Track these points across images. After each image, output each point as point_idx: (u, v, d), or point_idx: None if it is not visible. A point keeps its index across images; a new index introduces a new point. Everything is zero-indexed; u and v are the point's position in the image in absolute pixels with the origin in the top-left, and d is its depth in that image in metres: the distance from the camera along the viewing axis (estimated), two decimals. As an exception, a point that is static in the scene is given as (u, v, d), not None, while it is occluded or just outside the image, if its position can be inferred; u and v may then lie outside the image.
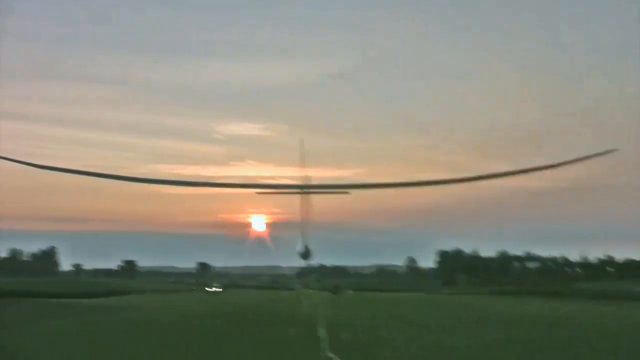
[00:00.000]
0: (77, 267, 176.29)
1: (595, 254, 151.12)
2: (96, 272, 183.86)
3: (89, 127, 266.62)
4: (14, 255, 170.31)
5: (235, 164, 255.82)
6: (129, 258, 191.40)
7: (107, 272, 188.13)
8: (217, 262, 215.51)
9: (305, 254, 20.84)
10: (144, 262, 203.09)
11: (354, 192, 20.34)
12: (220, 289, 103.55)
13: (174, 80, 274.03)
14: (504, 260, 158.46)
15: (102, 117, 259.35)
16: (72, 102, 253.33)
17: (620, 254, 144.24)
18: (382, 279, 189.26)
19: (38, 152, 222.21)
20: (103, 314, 38.81)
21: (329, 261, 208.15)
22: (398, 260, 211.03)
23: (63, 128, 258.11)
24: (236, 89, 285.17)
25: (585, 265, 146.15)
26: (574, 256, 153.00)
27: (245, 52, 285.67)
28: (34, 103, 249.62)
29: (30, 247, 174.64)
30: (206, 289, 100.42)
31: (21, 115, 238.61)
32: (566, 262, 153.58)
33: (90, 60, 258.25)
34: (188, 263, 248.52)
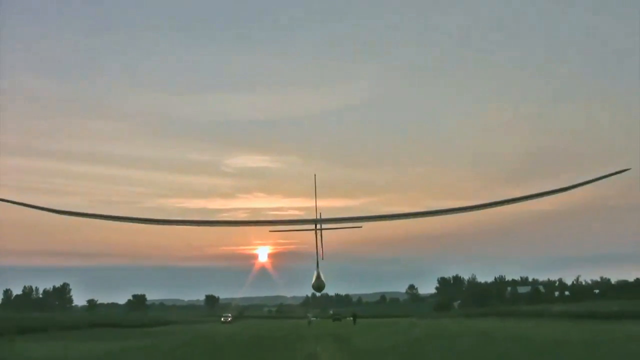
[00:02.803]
0: (91, 302, 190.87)
1: (592, 276, 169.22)
2: (108, 306, 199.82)
3: (99, 162, 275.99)
4: (29, 292, 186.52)
5: (242, 196, 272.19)
6: (137, 292, 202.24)
7: (115, 306, 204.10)
8: (222, 293, 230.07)
9: (320, 286, 20.81)
10: (152, 295, 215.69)
11: (364, 222, 20.17)
12: (230, 319, 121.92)
13: (183, 114, 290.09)
14: (500, 286, 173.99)
15: (111, 152, 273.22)
16: (80, 137, 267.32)
17: (616, 276, 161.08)
18: (383, 306, 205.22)
19: (48, 187, 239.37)
20: (164, 337, 56.23)
21: (333, 290, 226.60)
22: (401, 288, 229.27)
23: (72, 163, 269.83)
24: (244, 122, 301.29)
25: (575, 287, 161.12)
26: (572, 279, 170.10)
27: (253, 84, 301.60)
28: (45, 139, 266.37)
29: (42, 284, 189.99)
30: (222, 319, 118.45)
31: (31, 150, 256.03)
32: (558, 286, 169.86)
33: (98, 96, 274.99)
34: (194, 295, 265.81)
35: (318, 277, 20.48)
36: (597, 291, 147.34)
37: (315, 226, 20.37)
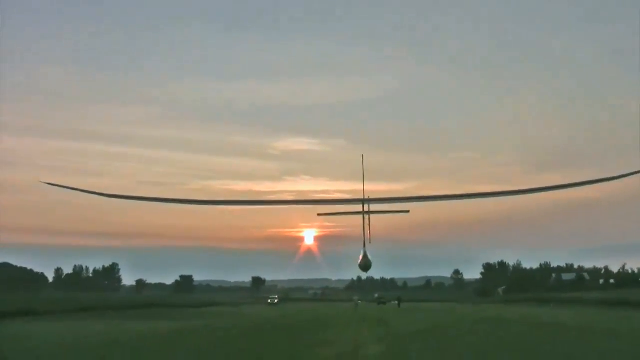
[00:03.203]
0: (140, 283, 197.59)
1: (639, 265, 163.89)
2: (156, 287, 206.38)
3: (146, 146, 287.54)
4: (79, 271, 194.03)
5: (289, 179, 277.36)
6: (185, 273, 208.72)
7: (162, 286, 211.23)
8: (268, 275, 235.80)
9: (367, 265, 20.65)
10: (198, 276, 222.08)
11: (409, 204, 20.54)
12: (277, 301, 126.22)
13: (231, 97, 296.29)
14: (545, 272, 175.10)
15: (159, 135, 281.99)
16: (131, 121, 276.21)
17: None
18: (428, 291, 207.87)
19: (95, 169, 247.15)
20: (223, 317, 60.09)
21: (379, 274, 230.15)
22: (446, 273, 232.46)
23: (122, 146, 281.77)
24: (291, 106, 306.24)
25: (620, 275, 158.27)
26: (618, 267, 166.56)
27: (301, 69, 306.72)
28: (93, 122, 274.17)
29: (92, 263, 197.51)
30: (268, 301, 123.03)
31: (82, 134, 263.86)
32: (604, 274, 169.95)
33: (148, 81, 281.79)
34: (239, 277, 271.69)
35: (365, 256, 20.45)
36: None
37: (363, 207, 20.12)
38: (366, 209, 20.14)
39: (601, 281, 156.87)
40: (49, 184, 15.83)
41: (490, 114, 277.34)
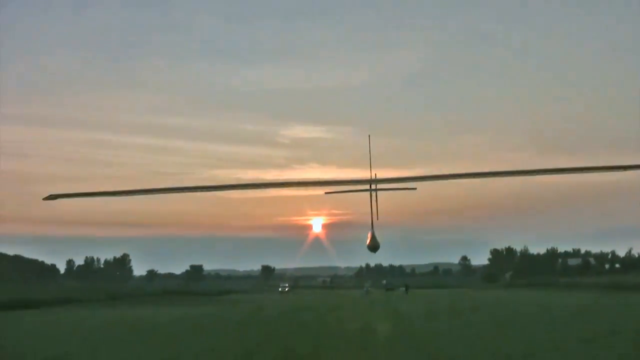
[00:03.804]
0: (151, 273, 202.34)
1: None
2: (166, 277, 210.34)
3: (151, 134, 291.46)
4: (91, 263, 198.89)
5: (297, 167, 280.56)
6: (193, 262, 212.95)
7: (173, 276, 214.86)
8: (277, 263, 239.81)
9: (375, 246, 20.17)
10: (207, 266, 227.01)
11: (416, 190, 20.92)
12: (287, 289, 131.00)
13: (236, 85, 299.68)
14: (551, 257, 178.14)
15: (163, 124, 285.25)
16: (138, 110, 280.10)
17: None
18: (436, 277, 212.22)
19: (102, 158, 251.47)
20: (244, 303, 64.83)
21: (387, 261, 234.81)
22: (454, 259, 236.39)
23: (130, 135, 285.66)
24: (300, 92, 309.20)
25: (626, 260, 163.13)
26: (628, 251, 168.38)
27: (307, 56, 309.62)
28: (100, 112, 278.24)
29: (103, 254, 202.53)
30: (279, 289, 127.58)
31: (85, 123, 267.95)
32: (610, 258, 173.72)
33: (154, 68, 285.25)
34: (249, 265, 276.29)
35: (373, 237, 20.37)
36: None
37: (370, 186, 20.19)
38: (373, 194, 20.50)
39: (607, 266, 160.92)
40: (54, 197, 14.52)
41: (500, 98, 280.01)
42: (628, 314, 32.95)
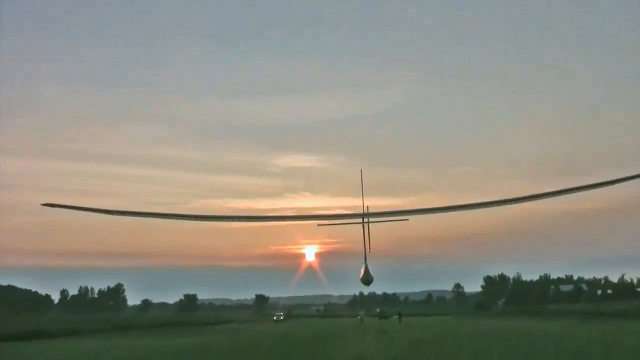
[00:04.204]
0: (146, 302, 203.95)
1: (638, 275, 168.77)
2: (159, 306, 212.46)
3: (145, 165, 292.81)
4: (85, 292, 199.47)
5: (290, 196, 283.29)
6: (187, 292, 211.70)
7: (166, 306, 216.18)
8: (270, 292, 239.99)
9: (368, 280, 21.50)
10: (202, 295, 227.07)
11: (410, 220, 21.16)
12: (282, 317, 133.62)
13: (229, 116, 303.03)
14: (544, 284, 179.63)
15: (158, 155, 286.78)
16: (129, 141, 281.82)
17: None
18: (429, 305, 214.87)
19: (92, 189, 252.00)
20: (236, 332, 68.19)
21: (381, 289, 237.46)
22: (447, 286, 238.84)
23: (122, 166, 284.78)
24: (292, 122, 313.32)
25: (618, 286, 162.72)
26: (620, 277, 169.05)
27: (300, 89, 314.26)
28: (92, 143, 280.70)
29: (96, 284, 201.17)
30: (274, 318, 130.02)
31: (76, 154, 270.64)
32: (604, 284, 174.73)
33: (147, 100, 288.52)
34: (242, 295, 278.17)
35: (366, 271, 20.99)
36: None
37: (363, 219, 20.62)
38: (366, 226, 20.99)
39: (599, 292, 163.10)
40: (50, 205, 15.78)
41: (490, 129, 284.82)
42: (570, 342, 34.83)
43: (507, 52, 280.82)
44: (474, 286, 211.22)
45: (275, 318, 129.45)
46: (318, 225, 21.74)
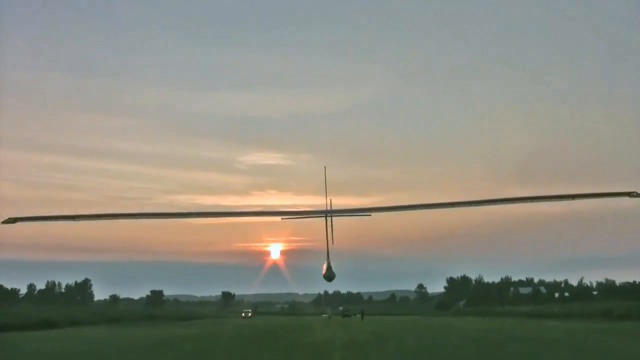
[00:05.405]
0: (114, 297, 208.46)
1: (597, 278, 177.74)
2: (126, 301, 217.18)
3: (111, 159, 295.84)
4: (52, 287, 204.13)
5: (256, 194, 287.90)
6: (152, 287, 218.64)
7: (132, 301, 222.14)
8: (234, 289, 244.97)
9: (330, 276, 21.68)
10: (167, 291, 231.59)
11: (374, 218, 21.63)
12: (250, 314, 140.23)
13: (195, 111, 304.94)
14: (504, 286, 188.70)
15: (123, 149, 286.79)
16: (90, 133, 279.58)
17: (623, 278, 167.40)
18: (392, 304, 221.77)
19: (58, 182, 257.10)
20: (215, 325, 74.94)
21: (345, 288, 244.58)
22: (411, 287, 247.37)
23: (86, 159, 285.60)
24: (258, 120, 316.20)
25: (575, 289, 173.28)
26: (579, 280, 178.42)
27: (265, 83, 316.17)
28: (55, 134, 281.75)
29: (64, 279, 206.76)
30: (242, 315, 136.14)
31: (44, 146, 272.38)
32: (563, 287, 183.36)
33: (114, 92, 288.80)
34: (206, 291, 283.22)
35: (329, 267, 21.35)
36: (595, 293, 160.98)
37: (326, 215, 21.11)
38: (329, 221, 21.62)
39: (557, 294, 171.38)
40: (13, 220, 15.93)
41: (458, 128, 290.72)
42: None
43: (478, 49, 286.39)
44: (437, 287, 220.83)
45: (243, 315, 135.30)
46: (282, 219, 21.70)
